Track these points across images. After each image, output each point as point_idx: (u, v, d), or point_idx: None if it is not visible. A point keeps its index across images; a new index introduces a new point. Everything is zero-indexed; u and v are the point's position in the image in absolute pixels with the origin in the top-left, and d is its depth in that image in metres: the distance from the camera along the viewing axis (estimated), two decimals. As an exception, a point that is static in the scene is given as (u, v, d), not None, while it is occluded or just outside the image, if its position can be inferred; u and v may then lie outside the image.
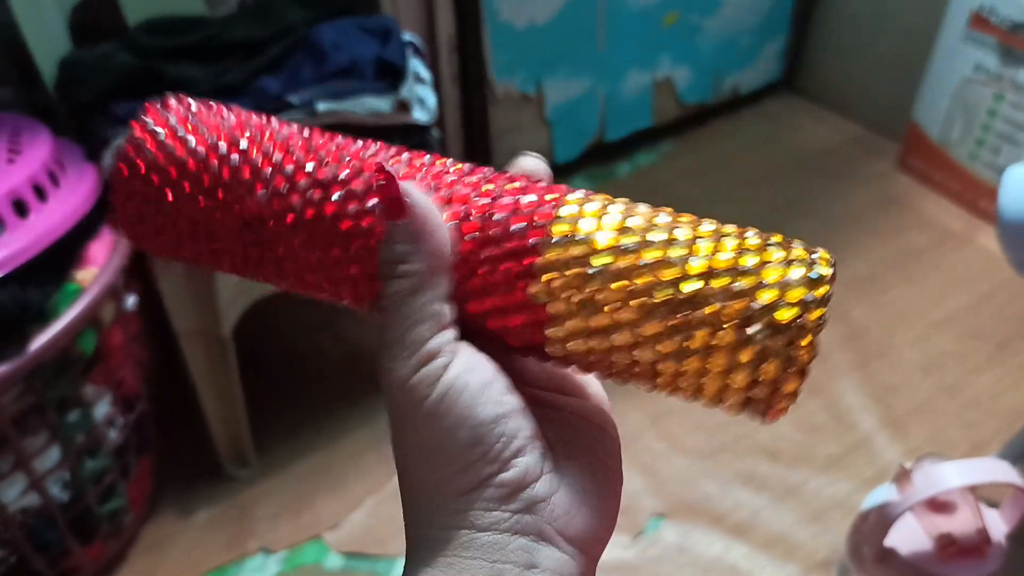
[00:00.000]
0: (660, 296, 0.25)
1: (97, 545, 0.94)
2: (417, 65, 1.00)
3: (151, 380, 1.00)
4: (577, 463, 0.27)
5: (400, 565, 0.97)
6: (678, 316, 0.25)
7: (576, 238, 0.26)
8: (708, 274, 0.25)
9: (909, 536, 0.80)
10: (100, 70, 0.89)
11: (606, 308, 0.25)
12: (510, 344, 0.27)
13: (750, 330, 0.24)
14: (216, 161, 0.28)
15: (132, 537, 1.01)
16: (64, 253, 0.81)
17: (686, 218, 0.27)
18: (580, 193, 0.27)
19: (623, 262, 0.25)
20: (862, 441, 1.09)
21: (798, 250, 0.25)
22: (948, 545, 0.77)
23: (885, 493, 0.78)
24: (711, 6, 1.59)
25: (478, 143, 1.45)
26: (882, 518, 0.76)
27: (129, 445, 0.95)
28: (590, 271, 0.25)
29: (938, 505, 0.80)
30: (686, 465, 1.07)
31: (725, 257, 0.25)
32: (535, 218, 0.26)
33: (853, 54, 1.69)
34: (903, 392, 1.15)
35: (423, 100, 0.97)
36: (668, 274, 0.25)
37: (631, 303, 0.25)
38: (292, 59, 0.97)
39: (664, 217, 0.27)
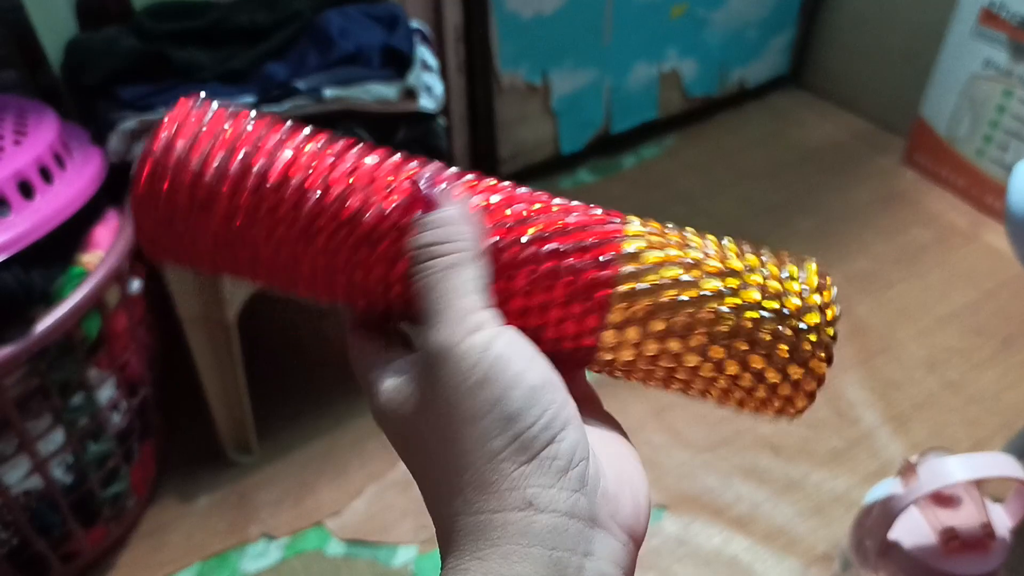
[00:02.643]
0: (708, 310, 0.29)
1: (99, 529, 0.94)
2: (424, 52, 1.00)
3: (155, 365, 1.00)
4: (613, 450, 0.28)
5: (401, 552, 0.98)
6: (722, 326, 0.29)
7: (644, 266, 0.29)
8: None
9: (913, 530, 0.80)
10: (106, 54, 0.89)
11: (665, 324, 0.29)
12: (560, 346, 0.29)
13: (781, 329, 0.29)
14: (240, 174, 0.28)
15: (134, 521, 1.01)
16: (69, 236, 0.81)
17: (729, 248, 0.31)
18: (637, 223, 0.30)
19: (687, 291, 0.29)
20: (864, 436, 1.09)
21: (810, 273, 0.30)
22: (952, 539, 0.77)
23: (889, 486, 0.78)
24: (719, -1, 1.58)
25: (483, 133, 1.44)
26: (886, 511, 0.76)
27: (132, 429, 0.95)
28: (657, 292, 0.28)
29: (942, 499, 0.80)
30: (687, 458, 1.07)
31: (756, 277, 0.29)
32: (606, 237, 0.29)
33: (860, 49, 1.68)
34: (906, 388, 1.15)
35: (430, 88, 0.97)
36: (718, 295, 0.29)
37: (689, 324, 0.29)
38: (298, 45, 0.96)
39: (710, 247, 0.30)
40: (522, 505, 0.23)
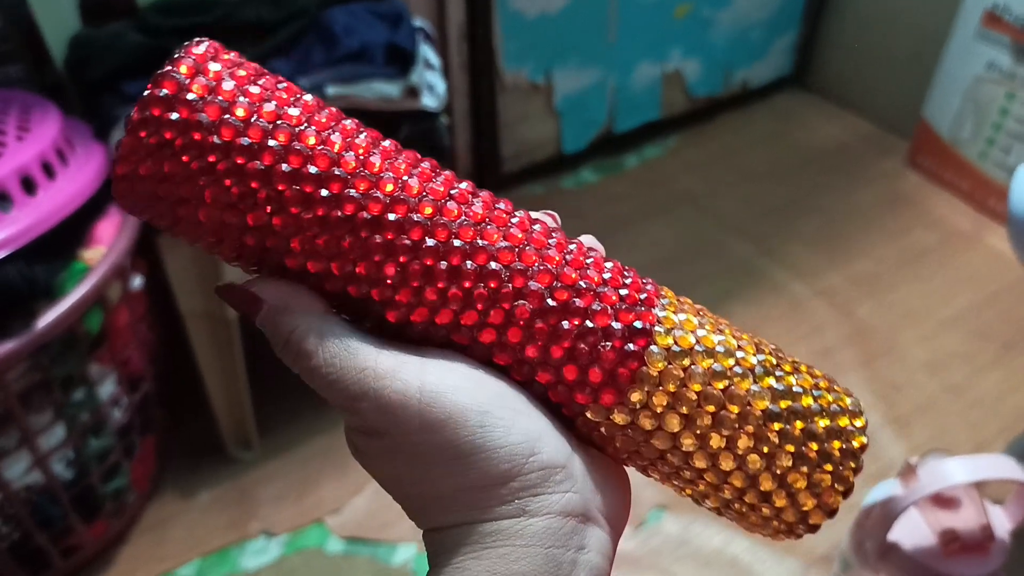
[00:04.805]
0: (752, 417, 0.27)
1: (99, 524, 0.94)
2: (427, 51, 1.00)
3: (156, 361, 1.00)
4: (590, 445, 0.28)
5: (401, 550, 0.98)
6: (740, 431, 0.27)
7: (677, 349, 0.27)
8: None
9: (913, 531, 0.80)
10: (111, 49, 0.89)
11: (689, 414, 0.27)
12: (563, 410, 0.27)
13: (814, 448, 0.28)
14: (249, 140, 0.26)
15: (134, 517, 1.01)
16: (72, 231, 0.81)
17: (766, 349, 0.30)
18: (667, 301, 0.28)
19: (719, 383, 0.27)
20: (865, 437, 1.08)
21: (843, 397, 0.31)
22: (952, 541, 0.77)
23: (889, 488, 0.77)
24: (723, -1, 1.58)
25: (486, 132, 1.44)
26: (886, 513, 0.76)
27: (133, 425, 0.95)
28: (691, 381, 0.26)
29: (943, 501, 0.80)
30: (689, 458, 1.07)
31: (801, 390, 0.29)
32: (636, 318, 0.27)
33: (864, 50, 1.68)
34: (907, 390, 1.15)
35: (432, 86, 0.97)
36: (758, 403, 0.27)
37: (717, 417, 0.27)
38: (303, 42, 0.96)
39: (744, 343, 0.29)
40: (516, 514, 0.24)
